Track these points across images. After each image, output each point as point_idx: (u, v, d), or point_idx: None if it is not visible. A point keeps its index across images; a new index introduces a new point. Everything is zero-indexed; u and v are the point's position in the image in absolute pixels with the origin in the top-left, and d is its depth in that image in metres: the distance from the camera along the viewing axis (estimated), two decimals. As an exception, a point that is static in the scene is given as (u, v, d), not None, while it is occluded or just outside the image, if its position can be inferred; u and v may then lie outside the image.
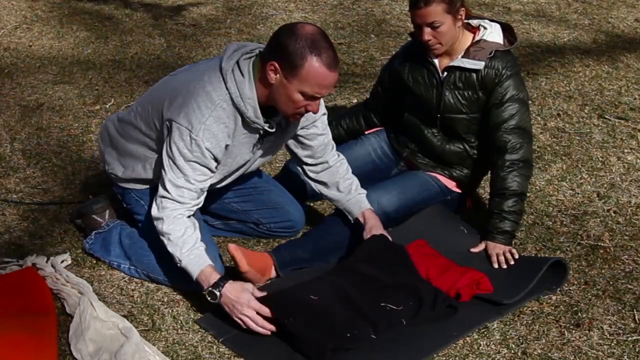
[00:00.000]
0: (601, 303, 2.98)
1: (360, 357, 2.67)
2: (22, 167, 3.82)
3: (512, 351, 2.75)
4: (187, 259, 2.76)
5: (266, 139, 2.94)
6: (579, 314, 2.92)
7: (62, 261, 3.12)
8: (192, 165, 2.79)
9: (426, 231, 3.21)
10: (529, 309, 2.94)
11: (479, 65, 3.18)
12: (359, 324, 2.72)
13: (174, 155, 2.78)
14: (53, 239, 3.30)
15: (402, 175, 3.44)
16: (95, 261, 3.16)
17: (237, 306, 2.71)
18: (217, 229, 3.30)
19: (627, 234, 3.40)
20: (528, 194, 3.34)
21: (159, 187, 2.83)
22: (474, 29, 3.27)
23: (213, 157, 2.81)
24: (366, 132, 3.62)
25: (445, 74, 3.25)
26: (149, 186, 3.09)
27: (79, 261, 3.17)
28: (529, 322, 2.88)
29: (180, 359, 2.70)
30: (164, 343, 2.76)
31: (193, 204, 2.83)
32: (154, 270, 3.01)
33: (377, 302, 2.79)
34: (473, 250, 3.18)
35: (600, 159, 3.97)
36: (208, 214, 3.24)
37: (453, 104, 3.27)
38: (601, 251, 3.28)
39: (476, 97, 3.24)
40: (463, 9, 3.14)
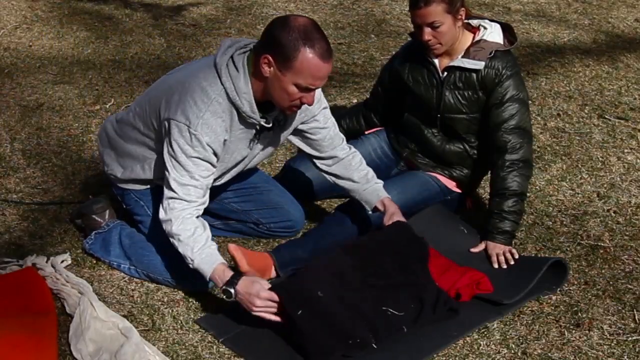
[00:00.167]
0: (601, 303, 2.98)
1: (359, 356, 2.67)
2: (22, 167, 3.82)
3: (512, 351, 2.75)
4: (199, 258, 2.74)
5: (263, 134, 2.93)
6: (579, 314, 2.92)
7: (62, 261, 3.13)
8: (194, 161, 2.78)
9: (426, 231, 3.20)
10: (529, 309, 2.94)
11: (479, 65, 3.18)
12: (359, 330, 2.68)
13: (175, 153, 2.78)
14: (53, 239, 3.30)
15: (402, 175, 3.44)
16: (95, 261, 3.17)
17: (250, 299, 2.66)
18: (217, 229, 3.30)
19: (627, 234, 3.40)
20: (528, 194, 3.34)
21: (164, 189, 2.81)
22: (474, 29, 3.27)
23: (213, 152, 2.80)
24: (366, 132, 3.62)
25: (446, 74, 3.25)
26: (148, 186, 3.09)
27: (79, 261, 3.18)
28: (529, 322, 2.88)
29: (180, 359, 2.70)
30: (164, 343, 2.76)
31: (200, 202, 2.81)
32: (154, 270, 3.01)
33: (379, 305, 2.77)
34: (473, 250, 3.18)
35: (600, 159, 3.97)
36: (208, 214, 3.23)
37: (453, 104, 3.27)
38: (601, 251, 3.28)
39: (476, 97, 3.24)
40: (463, 9, 3.15)
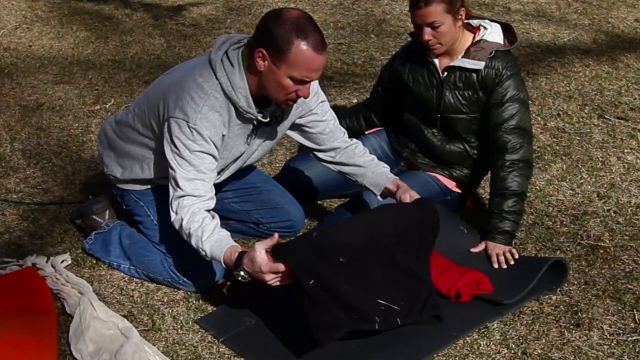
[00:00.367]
0: (601, 303, 2.98)
1: (359, 356, 2.67)
2: (22, 167, 3.82)
3: (512, 351, 2.75)
4: (209, 246, 2.70)
5: (261, 129, 2.93)
6: (579, 314, 2.92)
7: (62, 261, 3.13)
8: (198, 155, 2.77)
9: (426, 231, 3.21)
10: (529, 309, 2.94)
11: (479, 65, 3.18)
12: (365, 306, 2.64)
13: (179, 150, 2.77)
14: (53, 239, 3.30)
15: (402, 176, 3.43)
16: (95, 261, 3.17)
17: (259, 276, 2.62)
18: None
19: (627, 234, 3.40)
20: (528, 194, 3.34)
21: (170, 191, 2.79)
22: (474, 29, 3.27)
23: (214, 145, 2.80)
24: (366, 132, 3.62)
25: (446, 74, 3.25)
26: (148, 187, 3.09)
27: (79, 261, 3.18)
28: (529, 322, 2.88)
29: (180, 359, 2.70)
30: (164, 343, 2.76)
31: (208, 197, 2.79)
32: (154, 270, 3.01)
33: (375, 297, 2.71)
34: (473, 250, 3.18)
35: (600, 159, 3.97)
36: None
37: (453, 104, 3.27)
38: (601, 251, 3.28)
39: (476, 97, 3.24)
40: (463, 9, 3.15)
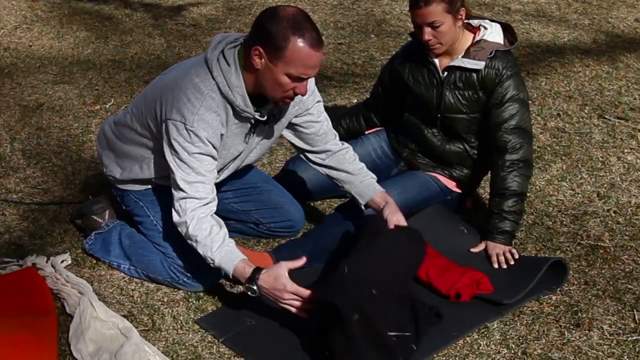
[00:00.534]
0: (601, 303, 2.98)
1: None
2: (22, 167, 3.82)
3: (512, 351, 2.75)
4: (219, 257, 2.73)
5: (259, 128, 2.93)
6: (579, 314, 2.92)
7: (62, 261, 3.13)
8: (197, 157, 2.77)
9: (426, 231, 3.20)
10: (529, 309, 2.94)
11: (480, 65, 3.18)
12: (391, 342, 2.63)
13: (177, 152, 2.77)
14: (53, 239, 3.30)
15: (402, 175, 3.44)
16: (95, 261, 3.17)
17: (277, 294, 2.66)
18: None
19: (627, 234, 3.40)
20: (528, 194, 3.34)
21: (173, 192, 2.80)
22: (474, 29, 3.27)
23: (213, 146, 2.80)
24: (366, 132, 3.62)
25: (446, 73, 3.25)
26: (147, 187, 3.09)
27: (79, 261, 3.18)
28: (529, 322, 2.88)
29: (180, 359, 2.70)
30: (164, 343, 2.76)
31: (210, 199, 2.80)
32: (154, 270, 3.01)
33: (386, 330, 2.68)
34: (473, 250, 3.18)
35: (600, 159, 3.97)
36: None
37: (453, 103, 3.27)
38: (601, 251, 3.28)
39: (476, 97, 3.24)
40: (463, 8, 3.15)
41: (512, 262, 3.09)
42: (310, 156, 3.15)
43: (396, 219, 2.97)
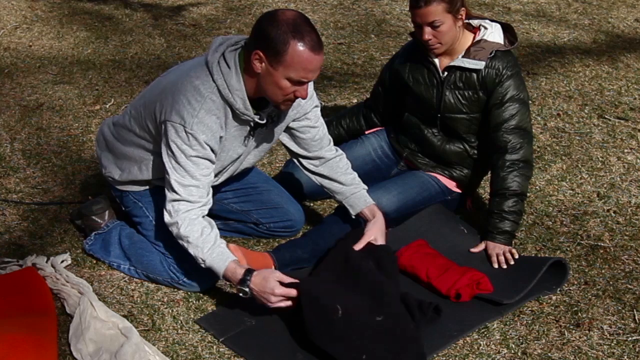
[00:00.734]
0: (601, 303, 2.98)
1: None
2: (22, 167, 3.82)
3: (512, 351, 2.75)
4: (210, 258, 2.75)
5: (257, 131, 2.93)
6: (579, 314, 2.92)
7: (62, 261, 3.13)
8: (194, 161, 2.78)
9: (426, 231, 3.21)
10: (529, 309, 2.94)
11: (480, 65, 3.18)
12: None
13: (174, 155, 2.77)
14: (53, 239, 3.30)
15: (402, 176, 3.44)
16: (95, 261, 3.17)
17: (266, 297, 2.70)
18: (217, 229, 3.30)
19: (627, 234, 3.40)
20: (528, 194, 3.34)
21: (166, 192, 2.81)
22: (474, 29, 3.27)
23: (211, 149, 2.80)
24: (366, 132, 3.62)
25: (446, 73, 3.25)
26: (146, 188, 3.09)
27: (79, 261, 3.18)
28: (529, 322, 2.88)
29: (180, 359, 2.70)
30: (164, 343, 2.76)
31: (203, 202, 2.82)
32: (154, 270, 3.01)
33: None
34: (473, 250, 3.18)
35: (600, 159, 3.97)
36: (207, 214, 3.23)
37: (453, 103, 3.27)
38: (601, 251, 3.28)
39: (476, 97, 3.24)
40: (463, 8, 3.15)
41: (512, 262, 3.09)
42: (304, 162, 3.15)
43: (373, 238, 2.99)
